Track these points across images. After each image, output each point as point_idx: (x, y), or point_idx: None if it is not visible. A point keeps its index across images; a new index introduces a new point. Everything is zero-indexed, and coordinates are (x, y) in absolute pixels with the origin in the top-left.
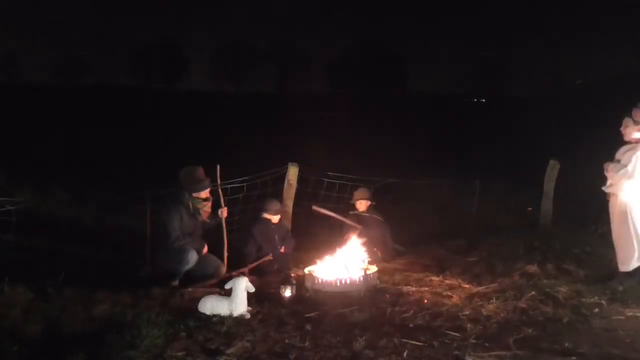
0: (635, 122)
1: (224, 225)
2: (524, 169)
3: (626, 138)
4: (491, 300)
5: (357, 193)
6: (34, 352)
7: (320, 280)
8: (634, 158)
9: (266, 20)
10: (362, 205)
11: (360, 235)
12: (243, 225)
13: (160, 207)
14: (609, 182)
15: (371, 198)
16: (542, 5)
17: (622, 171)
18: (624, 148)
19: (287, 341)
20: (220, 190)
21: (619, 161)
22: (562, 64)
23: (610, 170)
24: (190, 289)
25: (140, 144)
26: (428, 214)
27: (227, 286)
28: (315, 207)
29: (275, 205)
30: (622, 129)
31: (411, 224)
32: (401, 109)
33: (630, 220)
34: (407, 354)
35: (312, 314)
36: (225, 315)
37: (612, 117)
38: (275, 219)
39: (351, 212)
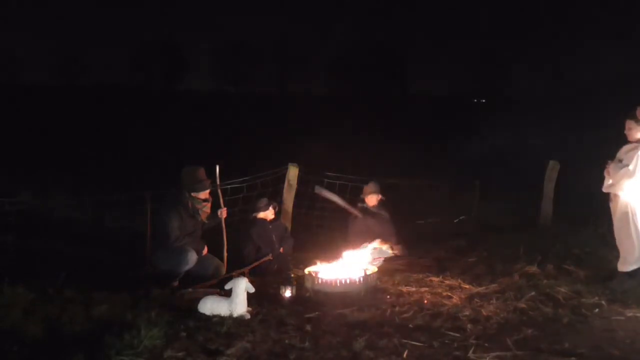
0: (638, 122)
1: (223, 225)
2: (524, 170)
3: (630, 139)
4: (491, 301)
5: (368, 187)
6: (34, 352)
7: (320, 281)
8: (635, 157)
9: (266, 20)
10: (372, 199)
11: (365, 229)
12: (242, 225)
13: (160, 207)
14: (608, 182)
15: (382, 192)
16: (542, 5)
17: (623, 170)
18: (626, 147)
19: (287, 341)
20: (219, 190)
21: (620, 160)
22: (562, 64)
23: (611, 170)
24: (190, 289)
25: (140, 143)
26: (428, 214)
27: (227, 287)
28: (317, 189)
29: (262, 202)
30: (625, 131)
31: (411, 224)
32: (401, 109)
33: (631, 221)
34: (407, 354)
35: (312, 314)
36: (225, 315)
37: (612, 118)
38: (269, 215)
39: (359, 205)
